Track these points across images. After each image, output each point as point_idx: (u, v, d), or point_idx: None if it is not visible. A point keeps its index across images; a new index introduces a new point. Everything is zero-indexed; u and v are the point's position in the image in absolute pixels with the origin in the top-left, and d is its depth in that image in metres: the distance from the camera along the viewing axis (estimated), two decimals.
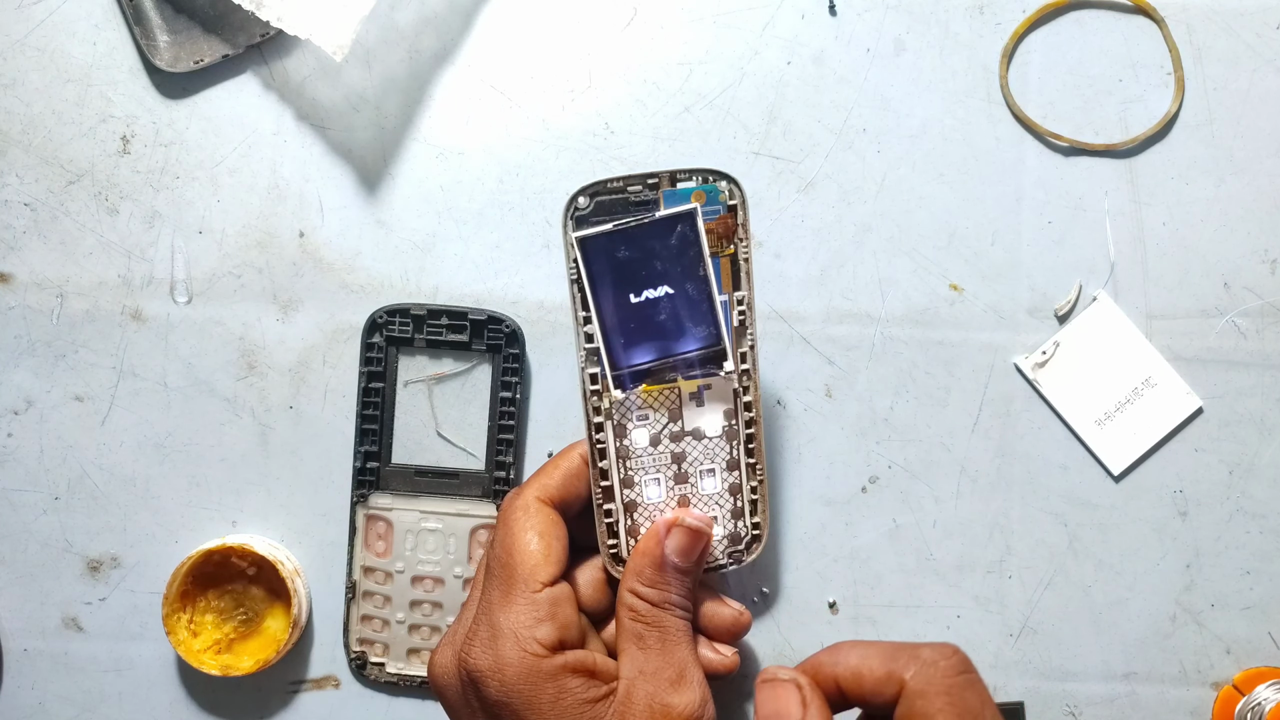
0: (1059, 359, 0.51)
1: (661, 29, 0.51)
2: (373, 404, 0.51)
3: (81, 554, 0.52)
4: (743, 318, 0.42)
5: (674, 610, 0.41)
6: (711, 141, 0.51)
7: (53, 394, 0.52)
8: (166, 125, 0.51)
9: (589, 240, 0.41)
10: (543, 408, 0.52)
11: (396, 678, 0.51)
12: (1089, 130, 0.51)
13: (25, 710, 0.52)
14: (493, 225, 0.52)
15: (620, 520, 0.43)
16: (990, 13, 0.51)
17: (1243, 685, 0.51)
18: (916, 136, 0.51)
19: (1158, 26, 0.51)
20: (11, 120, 0.51)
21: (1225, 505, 0.51)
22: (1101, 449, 0.51)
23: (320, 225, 0.52)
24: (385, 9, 0.51)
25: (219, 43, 0.50)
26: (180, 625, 0.50)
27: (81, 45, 0.51)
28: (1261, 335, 0.51)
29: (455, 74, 0.52)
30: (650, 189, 0.42)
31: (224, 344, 0.52)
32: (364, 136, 0.52)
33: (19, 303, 0.52)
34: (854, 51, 0.51)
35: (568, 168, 0.51)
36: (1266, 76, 0.51)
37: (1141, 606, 0.51)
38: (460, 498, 0.51)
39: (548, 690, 0.39)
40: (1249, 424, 0.51)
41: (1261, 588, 0.51)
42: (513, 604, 0.40)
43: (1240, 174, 0.51)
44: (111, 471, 0.52)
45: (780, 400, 0.51)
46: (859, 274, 0.51)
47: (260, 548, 0.50)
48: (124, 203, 0.51)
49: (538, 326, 0.51)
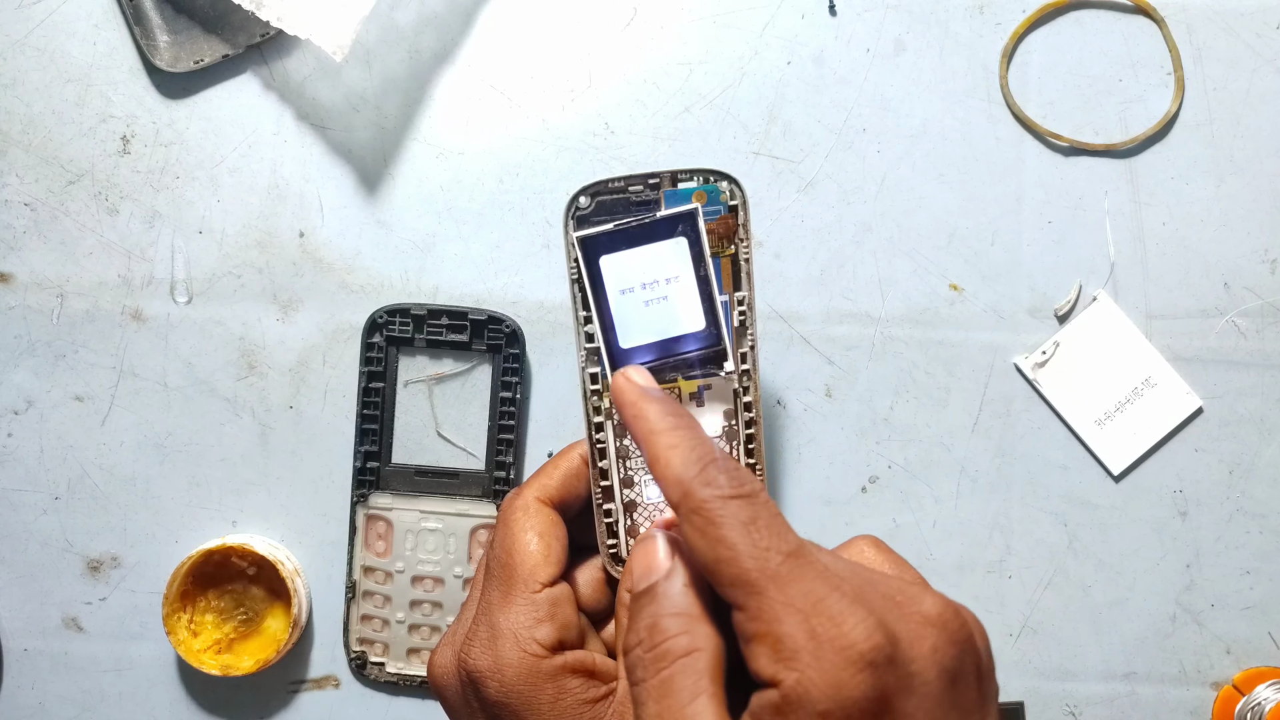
0: (1059, 359, 0.51)
1: (661, 29, 0.51)
2: (373, 404, 0.51)
3: (81, 554, 0.52)
4: (743, 318, 0.42)
5: None
6: (711, 141, 0.51)
7: (53, 394, 0.52)
8: (166, 125, 0.51)
9: (590, 240, 0.41)
10: (543, 408, 0.52)
11: (396, 677, 0.51)
12: (1089, 130, 0.51)
13: (25, 710, 0.52)
14: (493, 225, 0.52)
15: (620, 520, 0.43)
16: (990, 13, 0.51)
17: (1243, 685, 0.51)
18: (916, 136, 0.51)
19: (1158, 26, 0.51)
20: (11, 120, 0.51)
21: (1225, 505, 0.51)
22: (1101, 449, 0.51)
23: (320, 225, 0.52)
24: (385, 9, 0.51)
25: (219, 43, 0.51)
26: (180, 625, 0.50)
27: (81, 45, 0.51)
28: (1261, 335, 0.51)
29: (455, 74, 0.52)
30: (651, 189, 0.42)
31: (224, 344, 0.52)
32: (364, 136, 0.52)
33: (19, 303, 0.52)
34: (854, 51, 0.51)
35: (568, 168, 0.51)
36: (1266, 76, 0.51)
37: (1141, 606, 0.51)
38: (460, 498, 0.51)
39: (547, 690, 0.39)
40: (1249, 424, 0.51)
41: (1261, 588, 0.51)
42: (512, 604, 0.40)
43: (1240, 174, 0.51)
44: (111, 471, 0.52)
45: (780, 400, 0.52)
46: (859, 274, 0.51)
47: (260, 548, 0.50)
48: (124, 203, 0.52)
49: (538, 326, 0.51)
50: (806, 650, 0.29)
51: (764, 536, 0.31)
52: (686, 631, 0.32)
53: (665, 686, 0.32)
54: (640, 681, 0.32)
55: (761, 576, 0.30)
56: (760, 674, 0.30)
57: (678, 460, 0.33)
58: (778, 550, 0.30)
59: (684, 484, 0.32)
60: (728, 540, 0.31)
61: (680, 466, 0.33)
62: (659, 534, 0.36)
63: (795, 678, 0.28)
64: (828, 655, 0.28)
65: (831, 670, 0.28)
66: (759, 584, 0.30)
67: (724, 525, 0.31)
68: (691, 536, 0.32)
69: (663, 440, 0.34)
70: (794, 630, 0.29)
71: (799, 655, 0.29)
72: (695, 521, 0.31)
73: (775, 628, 0.29)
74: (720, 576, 0.31)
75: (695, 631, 0.32)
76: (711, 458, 0.33)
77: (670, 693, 0.31)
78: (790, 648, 0.29)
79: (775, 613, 0.29)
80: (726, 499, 0.31)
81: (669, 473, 0.33)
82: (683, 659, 0.32)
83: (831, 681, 0.28)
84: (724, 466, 0.32)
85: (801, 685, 0.28)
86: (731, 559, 0.30)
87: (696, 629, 0.32)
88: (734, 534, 0.31)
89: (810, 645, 0.29)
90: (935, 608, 0.31)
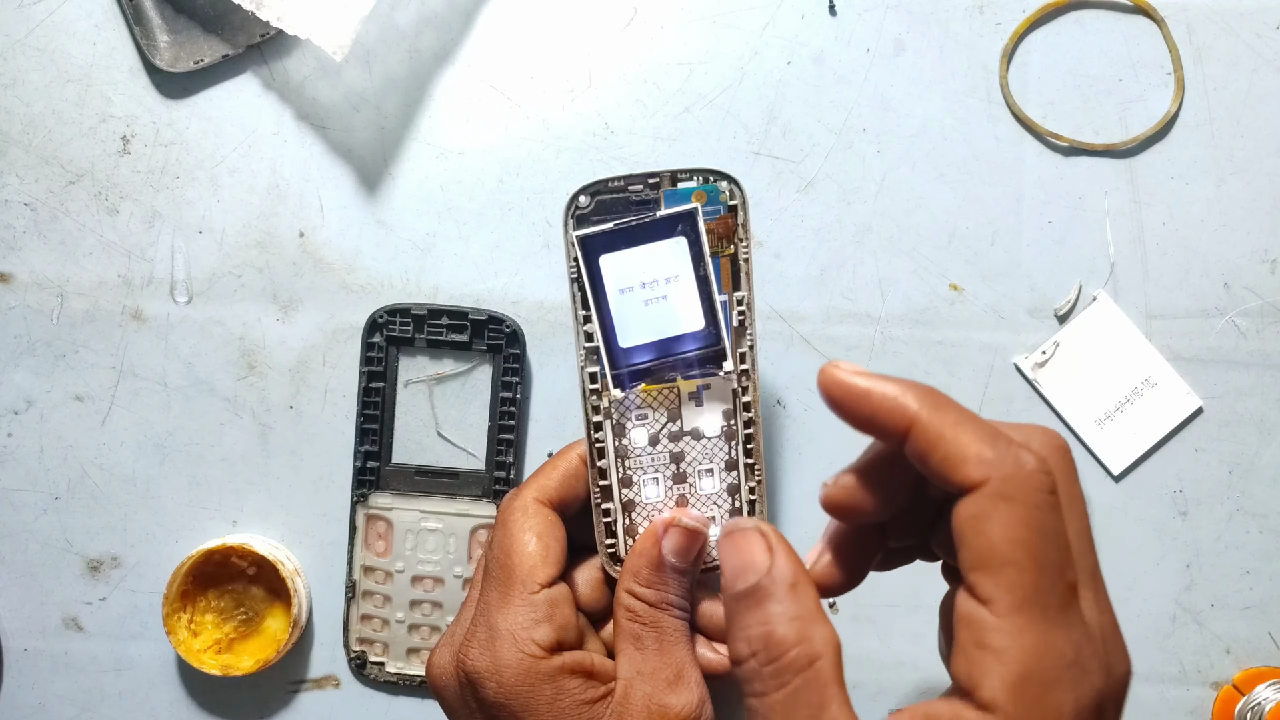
0: (1059, 359, 0.51)
1: (661, 29, 0.51)
2: (373, 404, 0.51)
3: (81, 554, 0.52)
4: (742, 318, 0.42)
5: (671, 610, 0.41)
6: (711, 141, 0.51)
7: (53, 394, 0.52)
8: (166, 125, 0.52)
9: (590, 239, 0.41)
10: (543, 408, 0.52)
11: (396, 677, 0.51)
12: (1089, 130, 0.51)
13: (25, 710, 0.52)
14: (493, 225, 0.52)
15: (618, 520, 0.43)
16: (990, 13, 0.51)
17: (1242, 685, 0.50)
18: (916, 136, 0.51)
19: (1158, 26, 0.51)
20: (11, 120, 0.51)
21: (1225, 505, 0.51)
22: (1101, 449, 0.51)
23: (320, 225, 0.52)
24: (385, 9, 0.51)
25: (219, 43, 0.51)
26: (180, 625, 0.50)
27: (81, 45, 0.51)
28: (1261, 335, 0.51)
29: (455, 74, 0.52)
30: (651, 188, 0.42)
31: (224, 344, 0.52)
32: (364, 136, 0.52)
33: (19, 303, 0.52)
34: (854, 51, 0.51)
35: (568, 168, 0.51)
36: (1266, 76, 0.51)
37: (1141, 606, 0.51)
38: (460, 498, 0.51)
39: (545, 691, 0.39)
40: (1249, 424, 0.51)
41: (1261, 588, 0.51)
42: (511, 605, 0.40)
43: (1240, 174, 0.51)
44: (111, 471, 0.52)
45: (780, 400, 0.51)
46: (859, 274, 0.51)
47: (260, 547, 0.50)
48: (124, 203, 0.52)
49: (538, 326, 0.51)
50: (992, 454, 0.29)
51: (1068, 553, 0.29)
52: (805, 639, 0.31)
53: (791, 702, 0.30)
54: (760, 695, 0.31)
55: (1044, 606, 0.28)
56: (961, 480, 0.29)
57: (973, 434, 0.30)
58: (1069, 582, 0.29)
59: (993, 461, 0.30)
60: (1038, 545, 0.29)
61: (983, 443, 0.30)
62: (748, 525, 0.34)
63: (986, 473, 0.29)
64: (1011, 449, 0.29)
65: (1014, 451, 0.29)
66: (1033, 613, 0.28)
67: (1045, 516, 0.29)
68: (990, 528, 0.29)
69: (949, 415, 0.31)
70: (976, 444, 0.29)
71: (986, 459, 0.29)
72: (1004, 510, 0.29)
73: (961, 449, 0.29)
74: (999, 588, 0.29)
75: (813, 637, 0.31)
76: (1007, 435, 0.31)
77: (796, 706, 0.30)
78: (976, 457, 0.29)
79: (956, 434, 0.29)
80: (1050, 488, 0.30)
81: (967, 450, 0.30)
82: (805, 672, 0.30)
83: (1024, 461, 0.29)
84: (1029, 449, 0.31)
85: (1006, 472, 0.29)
86: (1026, 570, 0.29)
87: (814, 633, 0.31)
88: (1046, 539, 0.29)
89: (996, 447, 0.29)
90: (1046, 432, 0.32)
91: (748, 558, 0.33)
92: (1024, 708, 0.27)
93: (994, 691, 0.28)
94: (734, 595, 0.32)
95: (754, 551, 0.33)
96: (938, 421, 0.30)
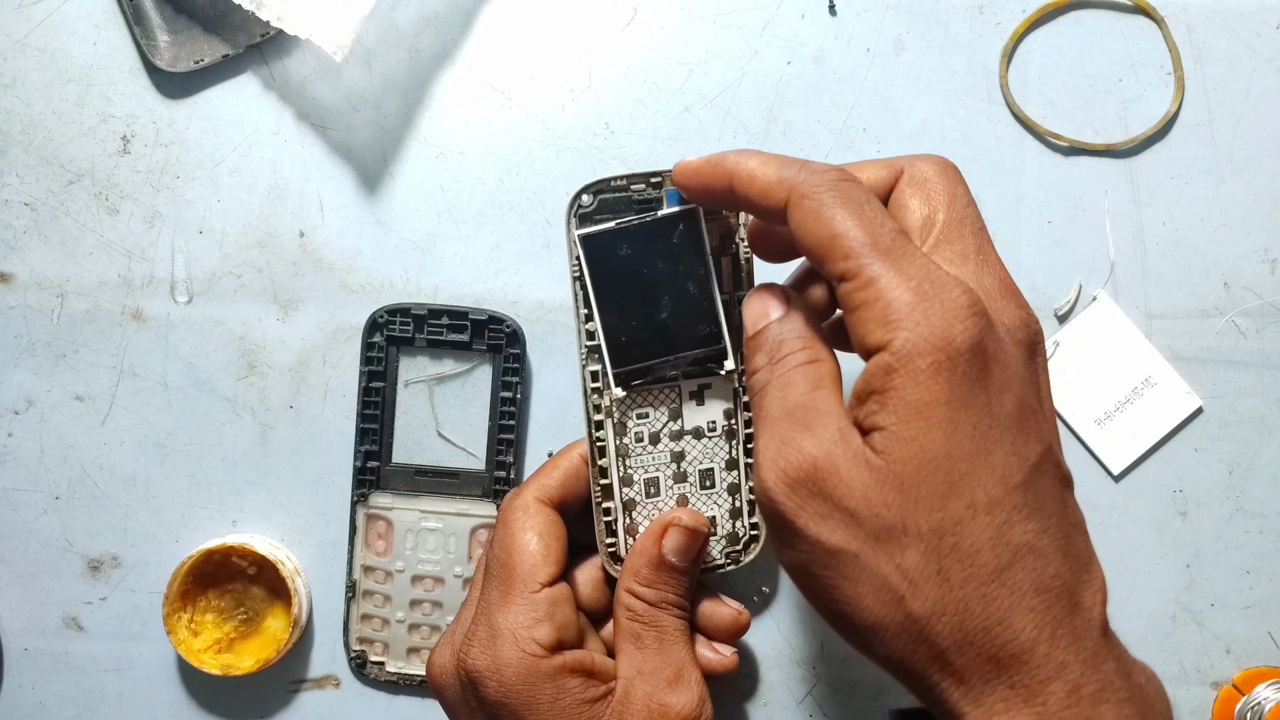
0: (1059, 359, 0.51)
1: (661, 29, 0.51)
2: (373, 404, 0.51)
3: (82, 554, 0.52)
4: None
5: (671, 610, 0.41)
6: (711, 141, 0.51)
7: (53, 394, 0.52)
8: (166, 125, 0.52)
9: (591, 238, 0.41)
10: (543, 408, 0.52)
11: (396, 677, 0.51)
12: (1089, 130, 0.51)
13: (25, 710, 0.52)
14: (493, 225, 0.52)
15: (619, 519, 0.43)
16: (990, 13, 0.51)
17: (1242, 685, 0.51)
18: (916, 136, 0.51)
19: (1158, 26, 0.51)
20: (11, 120, 0.51)
21: (1225, 505, 0.51)
22: (1101, 449, 0.51)
23: (320, 225, 0.52)
24: (385, 9, 0.51)
25: (219, 43, 0.51)
26: (180, 625, 0.50)
27: (81, 45, 0.51)
28: (1261, 335, 0.51)
29: (455, 74, 0.52)
30: (653, 187, 0.42)
31: (224, 344, 0.52)
32: (364, 136, 0.52)
33: (19, 303, 0.52)
34: (854, 51, 0.51)
35: (568, 168, 0.52)
36: (1266, 76, 0.51)
37: (1141, 606, 0.51)
38: (460, 497, 0.51)
39: (546, 690, 0.39)
40: (1249, 424, 0.51)
41: (1261, 588, 0.51)
42: (511, 604, 0.40)
43: (1240, 174, 0.51)
44: (112, 471, 0.52)
45: None
46: None
47: (260, 547, 0.50)
48: (124, 203, 0.52)
49: (538, 326, 0.51)
50: (916, 309, 0.30)
51: (876, 215, 0.32)
52: (808, 347, 0.35)
53: (787, 380, 0.34)
54: (763, 385, 0.35)
55: (875, 248, 0.31)
56: (867, 340, 0.31)
57: (775, 163, 0.34)
58: (890, 228, 0.32)
59: (789, 179, 0.33)
60: (840, 217, 0.32)
61: (780, 167, 0.34)
62: (765, 287, 0.37)
63: (904, 335, 0.30)
64: (935, 312, 0.30)
65: (940, 325, 0.30)
66: (872, 255, 0.31)
67: (838, 204, 0.32)
68: (804, 222, 0.32)
69: (753, 158, 0.35)
70: (903, 294, 0.30)
71: (910, 314, 0.30)
72: (807, 206, 0.32)
73: (886, 294, 0.31)
74: (834, 252, 0.32)
75: (817, 348, 0.35)
76: (805, 160, 0.34)
77: (792, 384, 0.34)
78: (900, 309, 0.30)
79: (886, 280, 0.31)
80: (837, 181, 0.33)
81: (769, 175, 0.34)
82: (805, 365, 0.34)
83: (940, 334, 0.30)
84: (822, 164, 0.34)
85: (910, 341, 0.30)
86: (845, 233, 0.31)
87: (818, 348, 0.35)
88: (848, 210, 0.32)
89: (920, 305, 0.30)
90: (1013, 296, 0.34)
91: (766, 305, 0.36)
92: (921, 315, 0.30)
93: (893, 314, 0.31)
94: (751, 337, 0.36)
95: (770, 299, 0.36)
96: (745, 163, 0.35)
